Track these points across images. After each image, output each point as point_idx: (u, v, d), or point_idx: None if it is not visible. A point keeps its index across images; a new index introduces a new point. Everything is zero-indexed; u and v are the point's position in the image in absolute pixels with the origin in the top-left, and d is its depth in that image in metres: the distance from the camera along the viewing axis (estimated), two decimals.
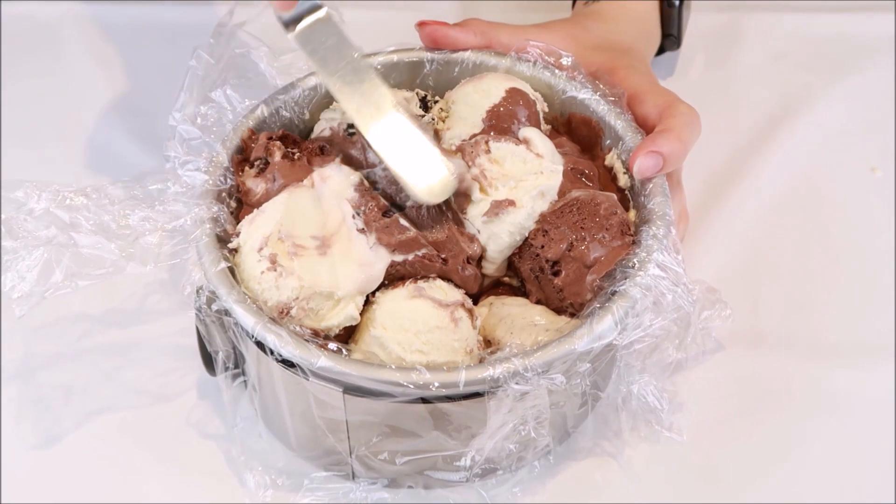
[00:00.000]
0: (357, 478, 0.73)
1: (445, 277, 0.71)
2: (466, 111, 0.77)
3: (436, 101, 0.81)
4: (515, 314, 0.71)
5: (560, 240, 0.71)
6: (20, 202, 0.71)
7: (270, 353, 0.66)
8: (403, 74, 0.82)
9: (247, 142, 0.76)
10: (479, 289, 0.74)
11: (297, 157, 0.75)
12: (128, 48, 1.03)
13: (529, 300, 0.73)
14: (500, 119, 0.77)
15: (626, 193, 0.76)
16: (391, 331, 0.68)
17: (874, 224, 0.90)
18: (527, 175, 0.73)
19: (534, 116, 0.78)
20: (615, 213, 0.72)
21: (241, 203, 0.75)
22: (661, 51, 0.96)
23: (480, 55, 0.82)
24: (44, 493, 0.75)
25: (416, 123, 0.72)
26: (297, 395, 0.69)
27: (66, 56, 1.03)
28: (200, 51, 0.78)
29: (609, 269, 0.70)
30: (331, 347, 0.66)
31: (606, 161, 0.78)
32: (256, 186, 0.74)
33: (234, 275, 0.69)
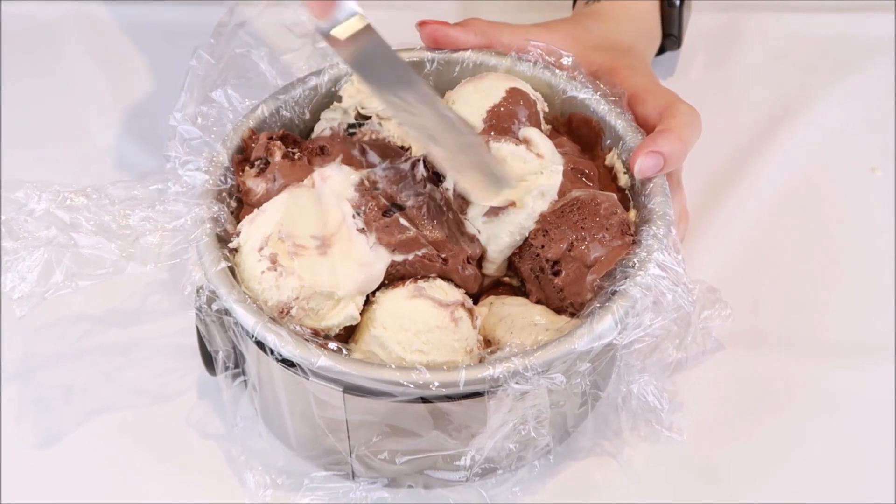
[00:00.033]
0: (357, 477, 0.73)
1: (445, 277, 0.71)
2: (467, 111, 0.77)
3: None
4: (515, 314, 0.71)
5: (560, 239, 0.71)
6: (20, 203, 0.70)
7: (270, 353, 0.66)
8: None
9: (247, 142, 0.76)
10: (479, 289, 0.74)
11: (298, 157, 0.75)
12: (128, 48, 1.03)
13: (529, 300, 0.73)
14: (501, 119, 0.77)
15: (627, 193, 0.76)
16: (391, 330, 0.68)
17: (874, 224, 0.90)
18: (527, 175, 0.73)
19: (534, 116, 0.78)
20: (615, 213, 0.72)
21: (242, 203, 0.75)
22: (662, 51, 0.96)
23: (481, 55, 0.82)
24: (44, 493, 0.75)
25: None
26: (297, 395, 0.69)
27: (66, 56, 1.03)
28: (201, 51, 0.78)
29: (609, 269, 0.70)
30: (331, 347, 0.66)
31: (607, 161, 0.78)
32: (257, 186, 0.74)
33: (235, 274, 0.68)
